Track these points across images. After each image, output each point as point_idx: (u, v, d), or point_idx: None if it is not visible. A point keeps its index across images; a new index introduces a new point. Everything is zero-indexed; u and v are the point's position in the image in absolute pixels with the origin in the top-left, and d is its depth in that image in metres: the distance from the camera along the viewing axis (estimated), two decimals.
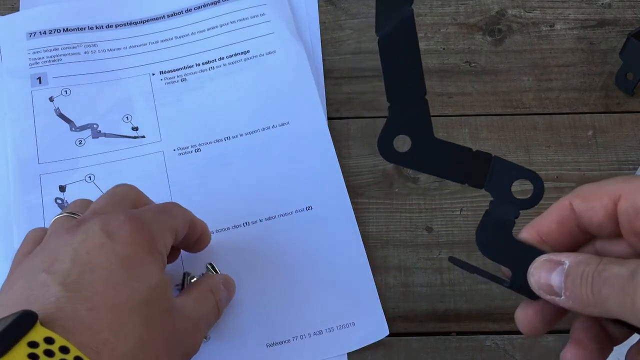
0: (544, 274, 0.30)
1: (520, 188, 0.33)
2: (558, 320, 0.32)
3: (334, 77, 0.57)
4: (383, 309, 0.47)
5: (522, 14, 0.60)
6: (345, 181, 0.51)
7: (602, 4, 0.60)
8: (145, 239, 0.34)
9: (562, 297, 0.29)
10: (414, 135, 0.33)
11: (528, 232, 0.32)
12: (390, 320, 0.47)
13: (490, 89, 0.56)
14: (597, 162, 0.53)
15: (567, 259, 0.29)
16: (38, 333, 0.27)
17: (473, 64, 0.58)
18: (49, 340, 0.27)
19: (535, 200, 0.33)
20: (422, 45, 0.58)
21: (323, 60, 0.57)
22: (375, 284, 0.48)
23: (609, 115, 0.55)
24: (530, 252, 0.32)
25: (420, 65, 0.32)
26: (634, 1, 0.60)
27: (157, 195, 0.51)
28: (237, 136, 0.53)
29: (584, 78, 0.57)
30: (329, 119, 0.54)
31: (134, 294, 0.31)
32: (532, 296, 0.31)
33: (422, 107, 0.33)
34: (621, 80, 0.55)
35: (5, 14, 0.58)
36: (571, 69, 0.57)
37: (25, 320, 0.27)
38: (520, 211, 0.33)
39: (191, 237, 0.42)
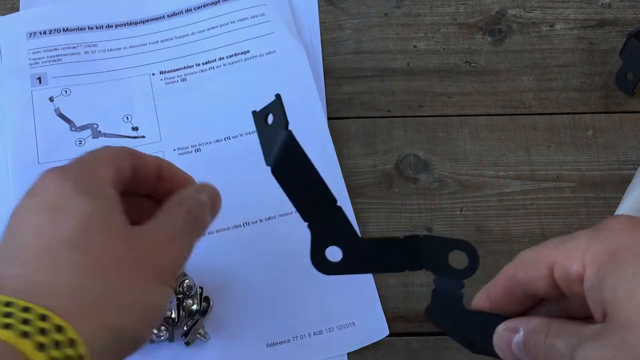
0: (505, 345, 0.31)
1: (459, 258, 0.34)
2: None
3: (334, 77, 0.57)
4: (383, 309, 0.47)
5: (522, 14, 0.60)
6: (345, 181, 0.51)
7: (602, 4, 0.60)
8: (70, 181, 0.32)
9: None
10: (341, 244, 0.34)
11: (480, 299, 0.33)
12: (390, 320, 0.47)
13: (490, 89, 0.56)
14: (597, 162, 0.53)
15: (521, 325, 0.30)
16: None
17: (473, 64, 0.58)
18: None
19: (473, 267, 0.33)
20: (422, 45, 0.58)
21: (323, 60, 0.57)
22: (375, 284, 0.48)
23: (609, 115, 0.55)
24: (486, 318, 0.32)
25: (320, 178, 0.33)
26: (634, 1, 0.60)
27: None
28: (237, 136, 0.53)
29: (584, 78, 0.57)
30: (329, 119, 0.54)
31: (62, 230, 0.30)
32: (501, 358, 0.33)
33: (338, 215, 0.33)
34: (621, 80, 0.55)
35: (5, 14, 0.58)
36: (571, 69, 0.57)
37: None
38: (465, 281, 0.33)
39: (144, 172, 0.37)
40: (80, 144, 0.53)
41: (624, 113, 0.55)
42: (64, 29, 0.57)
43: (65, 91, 0.55)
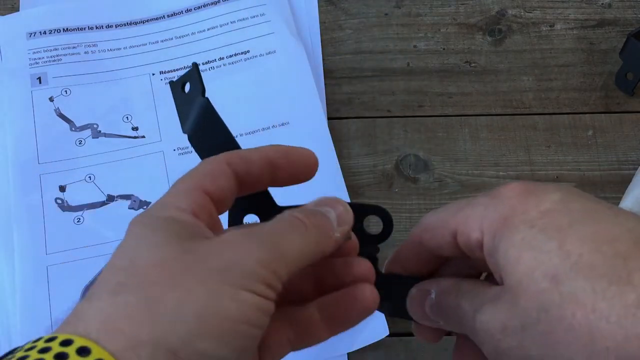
0: (419, 308, 0.32)
1: (374, 223, 0.34)
2: None
3: (334, 77, 0.57)
4: None
5: (522, 14, 0.60)
6: (345, 181, 0.51)
7: (602, 4, 0.60)
8: (143, 222, 0.28)
9: (441, 322, 0.32)
10: (259, 211, 0.33)
11: (391, 263, 0.34)
12: (390, 320, 0.47)
13: (490, 89, 0.56)
14: (597, 162, 0.53)
15: (432, 287, 0.31)
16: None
17: (473, 64, 0.58)
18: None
19: (387, 231, 0.34)
20: (422, 45, 0.58)
21: (323, 60, 0.57)
22: None
23: (609, 115, 0.55)
24: (401, 281, 0.33)
25: (237, 145, 0.32)
26: (634, 1, 0.60)
27: (157, 195, 0.51)
28: (237, 136, 0.52)
29: (584, 78, 0.57)
30: (329, 119, 0.54)
31: (113, 260, 0.27)
32: (415, 320, 0.34)
33: None
34: (621, 80, 0.55)
35: (5, 14, 0.58)
36: (571, 69, 0.57)
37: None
38: (379, 245, 0.33)
39: (254, 171, 0.31)
40: (80, 144, 0.53)
41: (624, 113, 0.55)
42: (64, 29, 0.57)
43: (65, 91, 0.55)
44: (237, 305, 0.26)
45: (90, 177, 0.51)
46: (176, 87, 0.32)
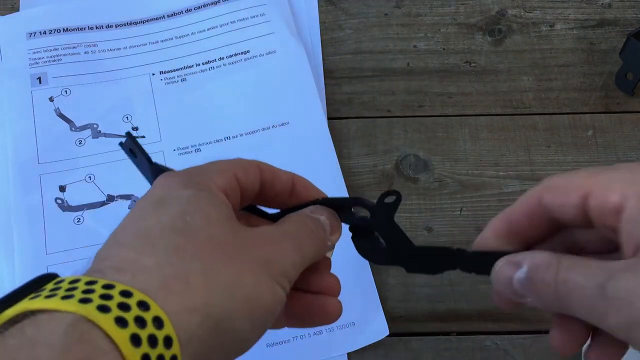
0: (505, 281, 0.30)
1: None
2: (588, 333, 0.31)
3: (334, 77, 0.57)
4: (383, 309, 0.47)
5: (522, 14, 0.60)
6: (345, 181, 0.51)
7: (602, 4, 0.60)
8: (176, 179, 0.30)
9: (529, 299, 0.29)
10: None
11: (499, 221, 0.33)
12: (390, 320, 0.47)
13: (490, 89, 0.56)
14: (597, 162, 0.53)
15: (524, 261, 0.29)
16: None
17: (473, 64, 0.58)
18: (73, 281, 0.25)
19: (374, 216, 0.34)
20: (422, 45, 0.58)
21: (323, 60, 0.57)
22: (375, 284, 0.48)
23: (609, 115, 0.55)
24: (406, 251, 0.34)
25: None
26: (634, 1, 0.60)
27: None
28: (237, 136, 0.53)
29: (584, 78, 0.57)
30: (329, 119, 0.54)
31: (163, 216, 0.28)
32: (431, 272, 0.34)
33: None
34: (621, 80, 0.55)
35: (5, 14, 0.58)
36: (571, 69, 0.57)
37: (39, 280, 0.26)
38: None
39: (277, 187, 0.34)
40: (80, 144, 0.53)
41: (624, 113, 0.55)
42: (64, 29, 0.57)
43: (65, 91, 0.55)
44: (272, 297, 0.29)
45: (90, 177, 0.51)
46: (126, 150, 0.35)
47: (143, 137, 0.53)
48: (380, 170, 0.53)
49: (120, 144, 0.35)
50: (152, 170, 0.33)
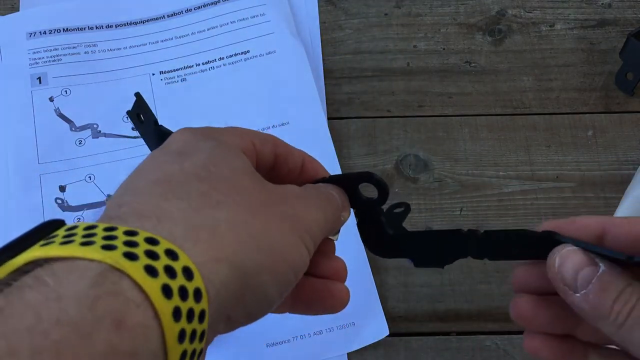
0: (571, 268, 0.28)
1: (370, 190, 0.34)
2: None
3: (334, 77, 0.57)
4: (383, 309, 0.47)
5: (522, 14, 0.60)
6: None
7: (602, 4, 0.60)
8: (197, 134, 0.29)
9: (579, 296, 0.28)
10: None
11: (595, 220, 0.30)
12: (390, 320, 0.47)
13: (490, 89, 0.56)
14: (597, 162, 0.53)
15: (603, 263, 0.27)
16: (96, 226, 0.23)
17: (473, 64, 0.58)
18: (89, 227, 0.23)
19: (383, 195, 0.33)
20: (422, 45, 0.58)
21: (323, 60, 0.57)
22: (375, 284, 0.48)
23: (609, 115, 0.55)
24: (410, 237, 0.33)
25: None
26: (634, 1, 0.60)
27: None
28: None
29: (584, 78, 0.57)
30: (329, 119, 0.54)
31: (185, 163, 0.26)
32: (439, 265, 0.33)
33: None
34: (621, 80, 0.55)
35: (5, 14, 0.58)
36: (571, 69, 0.57)
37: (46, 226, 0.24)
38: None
39: (290, 163, 0.33)
40: (80, 144, 0.53)
41: (624, 113, 0.55)
42: (64, 29, 0.57)
43: (65, 91, 0.55)
44: (297, 255, 0.27)
45: (90, 177, 0.51)
46: (133, 117, 0.34)
47: None
48: (380, 170, 0.53)
49: (128, 112, 0.34)
50: (157, 133, 0.32)
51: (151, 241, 0.22)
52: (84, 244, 0.21)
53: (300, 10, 0.59)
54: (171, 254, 0.22)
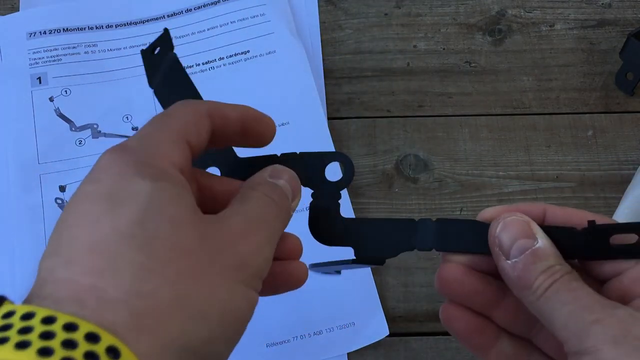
0: (510, 235, 0.29)
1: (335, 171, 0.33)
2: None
3: (334, 77, 0.57)
4: (383, 309, 0.47)
5: (522, 14, 0.60)
6: None
7: (602, 4, 0.60)
8: (130, 164, 0.26)
9: (509, 262, 0.28)
10: (220, 163, 0.33)
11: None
12: (390, 320, 0.47)
13: (490, 89, 0.56)
14: (597, 162, 0.53)
15: (542, 239, 0.29)
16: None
17: (473, 64, 0.58)
18: (27, 316, 0.21)
19: (348, 177, 0.33)
20: (422, 45, 0.58)
21: (323, 60, 0.57)
22: (375, 284, 0.48)
23: (609, 115, 0.55)
24: (361, 224, 0.32)
25: (199, 96, 0.32)
26: (634, 1, 0.60)
27: None
28: None
29: (584, 78, 0.57)
30: (329, 119, 0.54)
31: (118, 220, 0.24)
32: (379, 262, 0.32)
33: None
34: (621, 80, 0.55)
35: (5, 14, 0.58)
36: (571, 69, 0.57)
37: None
38: (342, 192, 0.33)
39: (228, 129, 0.31)
40: (80, 144, 0.53)
41: (624, 113, 0.55)
42: (64, 29, 0.57)
43: (65, 91, 0.55)
44: (246, 304, 0.26)
45: None
46: (147, 53, 0.33)
47: None
48: (380, 170, 0.53)
49: (142, 50, 0.32)
50: (170, 58, 0.31)
51: (92, 337, 0.21)
52: (19, 345, 0.20)
53: (300, 10, 0.59)
54: (112, 352, 0.21)
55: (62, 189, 0.51)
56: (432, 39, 0.59)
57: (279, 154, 0.33)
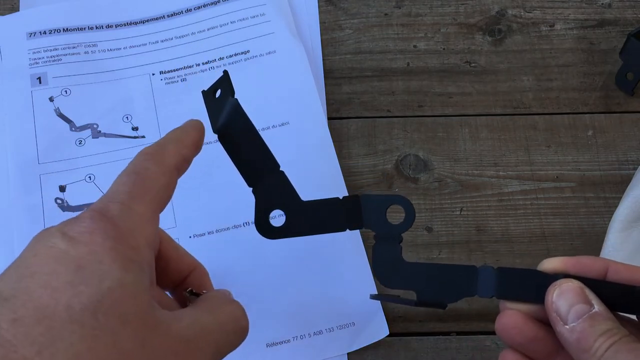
0: (567, 301, 0.30)
1: (396, 214, 0.34)
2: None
3: (334, 77, 0.57)
4: (383, 309, 0.47)
5: (522, 14, 0.60)
6: (345, 181, 0.51)
7: (602, 4, 0.60)
8: (108, 238, 0.26)
9: (567, 327, 0.29)
10: (284, 207, 0.35)
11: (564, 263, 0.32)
12: (390, 320, 0.47)
13: (490, 89, 0.56)
14: (597, 162, 0.53)
15: (598, 305, 0.29)
16: None
17: (473, 64, 0.58)
18: None
19: (409, 220, 0.34)
20: (422, 45, 0.58)
21: (323, 60, 0.57)
22: (375, 284, 0.48)
23: (609, 115, 0.55)
24: (424, 268, 0.33)
25: (263, 143, 0.33)
26: (634, 1, 0.60)
27: None
28: None
29: (584, 78, 0.57)
30: (329, 119, 0.54)
31: (76, 299, 0.24)
32: (441, 306, 0.33)
33: (280, 179, 0.34)
34: (621, 80, 0.55)
35: (5, 14, 0.58)
36: (571, 69, 0.57)
37: None
38: (403, 234, 0.34)
39: (167, 263, 0.33)
40: (80, 144, 0.53)
41: (624, 113, 0.55)
42: (64, 29, 0.57)
43: (65, 91, 0.55)
44: None
45: (90, 177, 0.51)
46: (208, 94, 0.34)
47: (143, 137, 0.53)
48: (380, 170, 0.53)
49: (203, 91, 0.34)
50: (231, 105, 0.32)
51: None
52: None
53: (300, 10, 0.59)
54: None
55: (62, 189, 0.51)
56: (432, 39, 0.59)
57: (341, 197, 0.35)
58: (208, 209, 0.50)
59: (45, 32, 0.57)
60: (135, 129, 0.53)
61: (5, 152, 0.52)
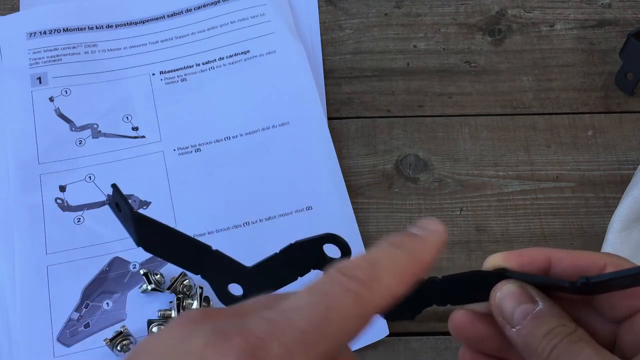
0: (510, 304, 0.29)
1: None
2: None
3: (334, 77, 0.57)
4: None
5: (522, 14, 0.60)
6: (345, 181, 0.51)
7: (602, 4, 0.60)
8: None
9: (514, 330, 0.29)
10: (235, 279, 0.35)
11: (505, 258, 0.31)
12: (390, 320, 0.47)
13: (490, 89, 0.56)
14: (597, 162, 0.53)
15: (542, 301, 0.29)
16: None
17: (473, 64, 0.58)
18: None
19: (345, 254, 0.34)
20: (422, 45, 0.58)
21: (323, 60, 0.57)
22: None
23: (609, 115, 0.55)
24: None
25: (184, 235, 0.33)
26: (634, 1, 0.60)
27: (157, 195, 0.51)
28: (237, 136, 0.53)
29: (584, 78, 0.57)
30: (329, 119, 0.54)
31: None
32: (409, 318, 0.33)
33: (219, 258, 0.34)
34: (621, 80, 0.55)
35: (5, 14, 0.58)
36: (571, 69, 0.57)
37: None
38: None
39: None
40: (80, 144, 0.53)
41: (624, 113, 0.55)
42: (64, 29, 0.57)
43: (65, 91, 0.55)
44: None
45: (90, 177, 0.51)
46: (113, 209, 0.34)
47: (143, 137, 0.53)
48: (380, 170, 0.53)
49: (108, 203, 0.35)
50: (135, 218, 0.31)
51: None
52: None
53: (300, 10, 0.59)
54: None
55: (62, 189, 0.51)
56: (432, 39, 0.59)
57: (278, 251, 0.35)
58: (208, 209, 0.50)
59: (45, 32, 0.57)
60: (135, 129, 0.53)
61: (5, 152, 0.52)
